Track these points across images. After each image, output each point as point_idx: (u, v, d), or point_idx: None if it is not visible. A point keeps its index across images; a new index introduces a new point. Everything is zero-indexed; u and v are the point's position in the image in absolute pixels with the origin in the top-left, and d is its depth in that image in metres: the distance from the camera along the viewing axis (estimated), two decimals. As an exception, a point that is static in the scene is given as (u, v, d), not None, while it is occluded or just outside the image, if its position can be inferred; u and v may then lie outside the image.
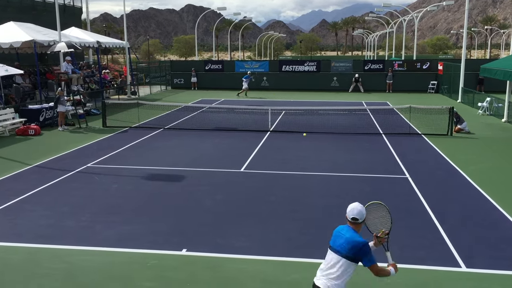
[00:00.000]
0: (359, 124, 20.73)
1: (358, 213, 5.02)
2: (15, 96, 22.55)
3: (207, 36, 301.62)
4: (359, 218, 5.03)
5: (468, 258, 7.59)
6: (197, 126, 20.37)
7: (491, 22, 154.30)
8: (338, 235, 5.07)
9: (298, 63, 39.69)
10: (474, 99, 26.92)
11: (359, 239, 4.99)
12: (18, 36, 23.47)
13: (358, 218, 5.02)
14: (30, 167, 13.54)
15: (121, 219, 9.40)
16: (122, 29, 72.27)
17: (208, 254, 7.80)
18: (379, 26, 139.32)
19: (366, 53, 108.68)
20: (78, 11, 40.97)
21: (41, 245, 8.16)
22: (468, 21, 31.33)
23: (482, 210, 9.88)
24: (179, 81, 40.21)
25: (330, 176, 12.60)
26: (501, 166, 13.67)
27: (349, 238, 4.98)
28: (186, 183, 11.99)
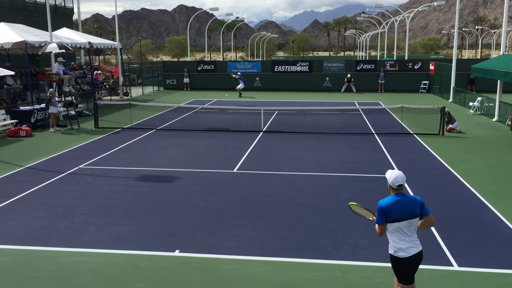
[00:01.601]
0: (352, 124, 20.79)
1: (402, 179, 5.41)
2: (6, 98, 22.43)
3: (200, 36, 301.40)
4: (403, 183, 5.43)
5: (460, 256, 7.64)
6: (190, 126, 20.34)
7: (482, 22, 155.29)
8: (401, 205, 5.36)
9: (291, 64, 39.75)
10: (466, 98, 27.08)
11: (417, 197, 5.51)
12: (8, 37, 23.35)
13: (402, 184, 5.42)
14: (22, 169, 13.47)
15: (114, 220, 9.37)
16: (114, 30, 72.04)
17: (200, 255, 7.80)
18: (371, 26, 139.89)
19: (358, 53, 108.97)
20: (69, 11, 40.77)
21: (33, 247, 8.11)
22: (459, 21, 31.53)
23: (474, 209, 9.95)
24: (172, 82, 40.14)
25: (322, 176, 12.63)
26: (492, 165, 13.76)
27: (413, 199, 5.42)
28: (178, 184, 11.97)
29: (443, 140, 17.51)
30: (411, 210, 5.36)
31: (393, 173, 5.44)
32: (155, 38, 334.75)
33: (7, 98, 22.51)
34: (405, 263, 5.48)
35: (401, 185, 5.39)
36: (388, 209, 5.35)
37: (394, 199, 5.39)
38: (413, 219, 5.39)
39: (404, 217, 5.34)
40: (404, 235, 5.40)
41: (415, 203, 5.39)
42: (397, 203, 5.36)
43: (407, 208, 5.35)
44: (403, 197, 5.41)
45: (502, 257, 7.65)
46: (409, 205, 5.37)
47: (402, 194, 5.42)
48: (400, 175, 5.41)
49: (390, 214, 5.35)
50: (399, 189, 5.41)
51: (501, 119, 21.48)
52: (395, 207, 5.35)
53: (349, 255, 7.73)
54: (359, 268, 7.34)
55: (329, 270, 7.27)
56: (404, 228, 5.38)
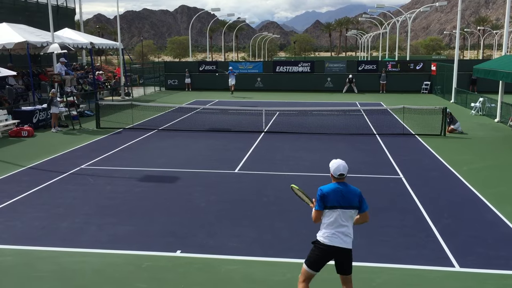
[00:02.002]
0: (353, 124, 20.78)
1: (344, 169, 5.51)
2: (8, 98, 22.45)
3: (201, 37, 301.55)
4: (345, 173, 5.50)
5: (462, 257, 7.63)
6: (191, 127, 20.35)
7: (484, 22, 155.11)
8: (341, 193, 5.43)
9: (292, 64, 39.74)
10: (467, 99, 27.06)
11: (357, 189, 5.54)
12: (11, 37, 23.39)
13: (344, 173, 5.50)
14: (24, 169, 13.48)
15: (115, 220, 9.38)
16: (116, 30, 72.02)
17: (201, 255, 7.80)
18: (373, 27, 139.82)
19: (360, 54, 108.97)
20: (71, 12, 40.84)
21: (34, 247, 8.12)
22: (461, 22, 31.50)
23: (476, 210, 9.93)
24: (173, 82, 40.16)
25: (323, 177, 12.60)
26: (494, 166, 13.75)
27: (352, 190, 5.47)
28: (180, 184, 11.97)
29: (445, 141, 17.50)
30: (349, 200, 5.42)
31: (335, 162, 5.57)
32: (156, 39, 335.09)
33: (9, 98, 22.54)
34: (324, 251, 5.49)
35: (342, 174, 5.48)
36: (328, 195, 5.42)
37: (334, 186, 5.49)
38: (350, 210, 5.43)
39: (341, 206, 5.40)
40: (337, 224, 5.42)
41: (355, 195, 5.46)
42: (337, 190, 5.44)
43: (346, 198, 5.42)
44: (344, 186, 5.49)
45: (504, 258, 7.64)
46: (349, 195, 5.44)
47: (343, 183, 5.50)
48: (342, 164, 5.52)
49: (328, 200, 5.41)
50: (340, 178, 5.50)
51: (503, 120, 21.45)
52: (335, 194, 5.42)
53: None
54: (359, 268, 7.32)
55: (330, 270, 7.26)
56: (340, 217, 5.42)
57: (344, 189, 5.46)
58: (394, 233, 8.68)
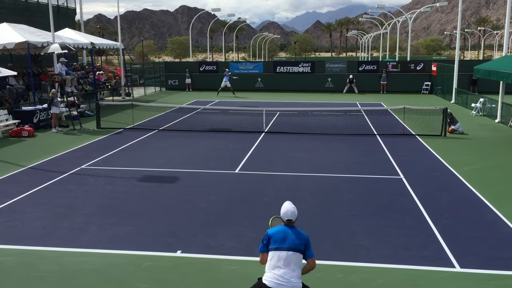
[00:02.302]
0: (353, 125, 20.78)
1: (292, 215, 5.33)
2: (8, 98, 22.46)
3: (202, 37, 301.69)
4: (293, 219, 5.32)
5: (462, 258, 7.63)
6: (192, 127, 20.36)
7: (484, 23, 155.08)
8: (286, 235, 5.22)
9: (293, 64, 39.74)
10: (468, 99, 27.06)
11: (305, 234, 5.34)
12: (11, 38, 23.40)
13: (292, 219, 5.33)
14: (24, 169, 13.49)
15: (115, 220, 9.38)
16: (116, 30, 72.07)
17: (201, 255, 7.80)
18: (373, 27, 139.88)
19: (360, 54, 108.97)
20: (71, 12, 40.88)
21: (35, 247, 8.13)
22: (462, 22, 31.50)
23: (476, 211, 9.93)
24: (174, 82, 40.16)
25: (324, 177, 12.62)
26: (495, 167, 13.74)
27: (299, 234, 5.27)
28: (180, 184, 11.98)
29: (445, 141, 17.49)
30: (294, 242, 5.18)
31: (285, 206, 5.38)
32: (157, 39, 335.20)
33: (10, 98, 22.55)
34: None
35: (290, 220, 5.30)
36: (273, 236, 5.23)
37: (281, 228, 5.31)
38: (294, 253, 5.15)
39: (285, 248, 5.14)
40: (279, 267, 5.12)
41: (301, 239, 5.23)
42: (282, 232, 5.24)
43: (290, 239, 5.19)
44: (291, 228, 5.29)
45: (504, 259, 7.64)
46: (294, 237, 5.21)
47: (291, 226, 5.31)
48: (291, 210, 5.31)
49: (272, 241, 5.21)
50: (288, 223, 5.32)
51: (504, 120, 21.45)
52: (280, 235, 5.22)
53: (351, 256, 7.73)
54: (361, 269, 7.34)
55: (330, 271, 7.27)
56: (282, 260, 5.12)
57: (290, 230, 5.26)
58: (394, 233, 8.68)
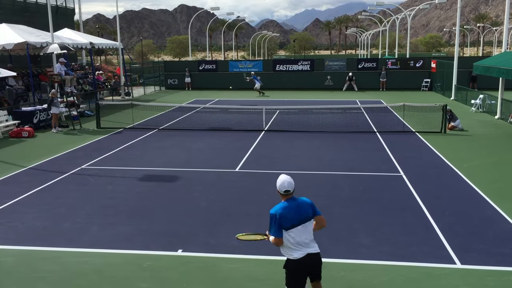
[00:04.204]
0: (353, 122, 20.78)
1: (289, 185, 5.30)
2: (8, 98, 22.46)
3: (201, 36, 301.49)
4: (291, 189, 5.29)
5: (463, 254, 7.64)
6: (192, 126, 20.36)
7: (484, 19, 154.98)
8: (293, 210, 5.24)
9: (292, 62, 39.72)
10: (467, 96, 27.05)
11: (307, 199, 5.41)
12: (10, 38, 23.39)
13: (289, 189, 5.29)
14: (24, 169, 13.49)
15: (116, 220, 9.39)
16: (115, 30, 72.00)
17: (202, 254, 7.81)
18: (372, 25, 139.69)
19: (360, 52, 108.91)
20: (70, 12, 40.85)
21: (36, 248, 8.14)
22: (461, 19, 31.47)
23: (476, 207, 9.94)
24: (173, 82, 40.15)
25: (324, 175, 12.63)
26: (495, 163, 13.75)
27: (303, 202, 5.32)
28: (180, 183, 11.98)
29: (445, 138, 17.49)
30: (304, 213, 5.24)
31: (280, 178, 5.34)
32: (156, 38, 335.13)
33: (9, 99, 22.55)
34: (298, 265, 5.28)
35: (288, 191, 5.26)
36: (282, 216, 5.18)
37: (284, 204, 5.26)
38: (307, 222, 5.27)
39: (298, 222, 5.20)
40: (299, 239, 5.23)
41: (306, 205, 5.29)
42: (288, 208, 5.22)
43: (299, 212, 5.23)
44: (293, 201, 5.28)
45: (505, 255, 7.64)
46: (301, 208, 5.25)
47: (292, 199, 5.30)
48: (287, 180, 5.28)
49: (284, 220, 5.17)
50: (287, 195, 5.28)
51: (503, 117, 21.45)
52: (288, 212, 5.20)
53: (352, 254, 7.73)
54: (362, 266, 7.34)
55: (332, 268, 7.27)
56: (300, 233, 5.22)
57: (294, 204, 5.26)
58: (395, 230, 8.68)
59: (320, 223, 5.43)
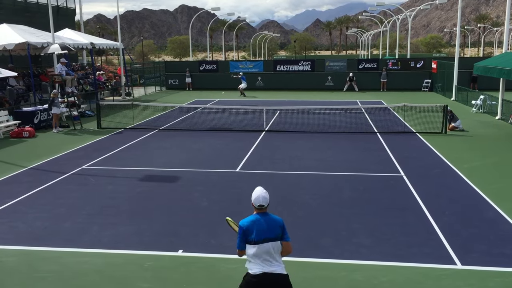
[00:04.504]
0: (354, 123, 20.78)
1: (264, 200, 5.16)
2: (9, 98, 22.47)
3: (201, 36, 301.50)
4: (265, 204, 5.15)
5: (463, 255, 7.64)
6: (192, 126, 20.36)
7: (484, 20, 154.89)
8: (261, 225, 5.07)
9: (293, 63, 39.73)
10: (468, 97, 27.04)
11: (279, 218, 5.21)
12: (11, 38, 23.40)
13: (263, 204, 5.15)
14: (25, 169, 13.50)
15: (117, 220, 9.39)
16: (116, 30, 72.08)
17: (203, 254, 7.81)
18: (373, 25, 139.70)
19: (360, 52, 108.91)
20: (71, 12, 40.87)
21: (37, 248, 8.14)
22: (461, 19, 31.48)
23: (477, 208, 9.93)
24: (174, 82, 40.15)
25: (324, 175, 12.63)
26: (495, 164, 13.74)
27: (274, 221, 5.13)
28: (181, 183, 11.99)
29: (446, 138, 17.49)
30: (271, 231, 5.06)
31: (256, 191, 5.21)
32: (157, 38, 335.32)
33: (10, 99, 22.56)
34: (255, 280, 5.04)
35: (262, 205, 5.13)
36: (248, 228, 5.07)
37: (254, 218, 5.13)
38: (273, 242, 5.07)
39: (264, 239, 5.03)
40: (262, 255, 5.04)
41: (276, 225, 5.11)
42: (256, 222, 5.08)
43: (266, 229, 5.06)
44: (264, 216, 5.14)
45: (506, 255, 7.64)
46: (270, 226, 5.08)
47: (264, 214, 5.16)
48: (263, 195, 5.15)
49: (249, 234, 5.05)
50: (260, 209, 5.16)
51: (504, 117, 21.44)
52: (255, 226, 5.06)
53: (353, 254, 7.73)
54: (364, 267, 7.34)
55: (333, 269, 7.28)
56: (262, 251, 5.04)
57: (264, 220, 5.10)
58: (395, 231, 8.68)
59: (286, 249, 5.19)
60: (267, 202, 5.16)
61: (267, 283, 5.05)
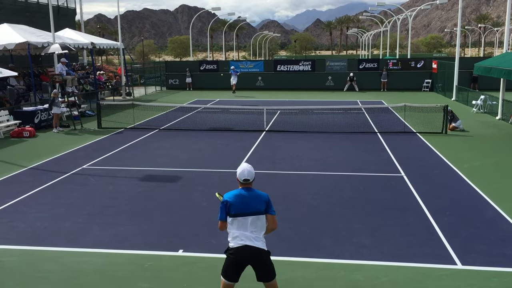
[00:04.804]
0: (354, 123, 20.78)
1: (249, 174, 5.25)
2: (9, 98, 22.48)
3: (202, 36, 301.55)
4: (250, 178, 5.23)
5: (464, 255, 7.63)
6: (193, 126, 20.36)
7: (485, 20, 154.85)
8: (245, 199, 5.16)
9: (293, 63, 39.73)
10: (468, 97, 27.04)
11: (264, 193, 5.28)
12: (12, 38, 23.40)
13: (249, 178, 5.23)
14: (25, 169, 13.50)
15: (117, 220, 9.40)
16: (116, 30, 72.06)
17: (204, 254, 7.81)
18: (373, 25, 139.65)
19: (361, 52, 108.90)
20: (71, 12, 40.90)
21: (37, 248, 8.14)
22: (462, 19, 31.46)
23: (477, 208, 9.93)
24: (174, 82, 40.17)
25: (325, 175, 12.63)
26: (496, 164, 13.74)
27: (258, 195, 5.21)
28: (181, 183, 11.99)
29: (446, 138, 17.49)
30: (253, 205, 5.14)
31: (241, 166, 5.30)
32: (157, 38, 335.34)
33: (10, 99, 22.57)
34: (236, 255, 5.14)
35: (247, 180, 5.22)
36: (231, 202, 5.16)
37: (238, 192, 5.22)
38: (255, 216, 5.15)
39: (245, 213, 5.12)
40: (244, 230, 5.13)
41: (260, 200, 5.18)
42: (239, 196, 5.18)
43: (249, 203, 5.15)
44: (249, 191, 5.21)
45: (506, 255, 7.64)
46: (253, 200, 5.16)
47: (248, 189, 5.24)
48: (247, 169, 5.25)
49: (231, 207, 5.14)
50: (245, 184, 5.24)
51: (505, 117, 21.44)
52: (238, 200, 5.15)
53: (354, 254, 7.73)
54: (364, 267, 7.34)
55: (333, 269, 7.28)
56: (243, 224, 5.12)
57: (248, 194, 5.18)
58: (396, 231, 8.68)
59: (271, 223, 5.23)
60: (252, 176, 5.24)
61: (247, 256, 5.10)
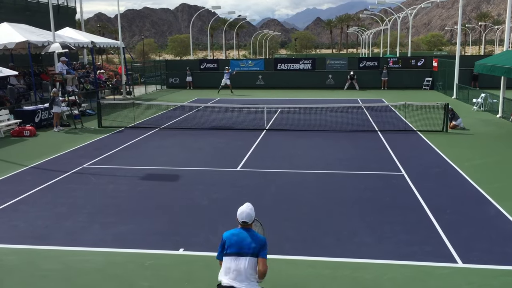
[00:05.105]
0: (355, 121, 20.77)
1: (247, 217, 5.20)
2: (9, 97, 22.47)
3: (202, 35, 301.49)
4: (248, 221, 5.19)
5: (465, 253, 7.63)
6: (193, 125, 20.36)
7: (485, 18, 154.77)
8: (241, 239, 5.12)
9: (293, 61, 39.69)
10: (469, 95, 27.02)
11: (262, 237, 5.23)
12: (12, 37, 23.39)
13: (247, 221, 5.19)
14: (26, 168, 13.51)
15: (118, 219, 9.40)
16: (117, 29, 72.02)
17: (204, 253, 7.81)
18: (374, 24, 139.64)
19: (361, 51, 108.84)
20: (72, 11, 40.89)
21: (38, 246, 8.15)
22: (462, 17, 31.43)
23: (478, 206, 9.92)
24: (174, 81, 40.15)
25: (325, 174, 12.62)
26: (496, 162, 13.73)
27: (253, 237, 5.12)
28: (182, 182, 11.99)
29: (447, 137, 17.48)
30: (246, 246, 5.05)
31: (242, 208, 5.26)
32: (157, 37, 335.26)
33: (11, 98, 22.56)
34: None
35: (245, 222, 5.16)
36: (228, 240, 5.13)
37: (237, 231, 5.18)
38: (246, 257, 5.04)
39: (235, 252, 5.05)
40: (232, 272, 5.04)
41: (254, 241, 5.08)
42: (236, 235, 5.13)
43: (242, 243, 5.06)
44: (246, 232, 5.15)
45: (507, 254, 7.63)
46: (247, 240, 5.08)
47: (247, 230, 5.17)
48: (247, 212, 5.19)
49: (227, 246, 5.10)
50: (244, 225, 5.19)
51: (505, 116, 21.42)
52: (233, 239, 5.11)
53: (355, 253, 7.73)
54: (365, 265, 7.34)
55: (336, 268, 7.28)
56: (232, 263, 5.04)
57: (244, 235, 5.14)
58: (396, 229, 8.68)
59: (260, 266, 5.08)
60: (251, 219, 5.21)
61: None
